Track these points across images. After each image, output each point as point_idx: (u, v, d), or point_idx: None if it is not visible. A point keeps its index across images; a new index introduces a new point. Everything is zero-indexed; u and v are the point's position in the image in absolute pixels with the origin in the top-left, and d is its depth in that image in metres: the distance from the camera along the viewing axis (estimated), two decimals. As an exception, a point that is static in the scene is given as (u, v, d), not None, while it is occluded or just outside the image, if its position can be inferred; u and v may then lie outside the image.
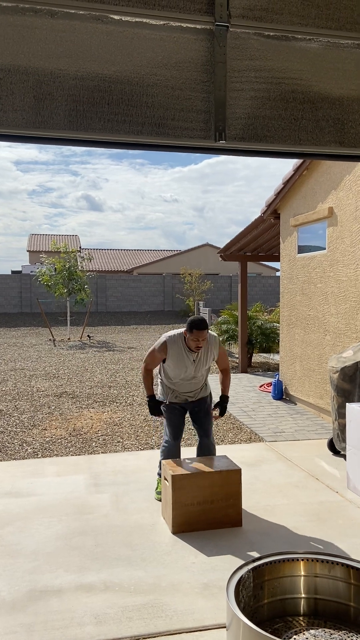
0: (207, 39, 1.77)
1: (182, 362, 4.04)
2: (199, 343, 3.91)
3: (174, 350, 4.02)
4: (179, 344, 4.03)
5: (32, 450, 5.72)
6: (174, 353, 4.03)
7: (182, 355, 4.03)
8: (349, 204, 6.23)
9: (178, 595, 2.99)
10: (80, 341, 16.46)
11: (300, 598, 2.34)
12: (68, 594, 3.01)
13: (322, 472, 4.94)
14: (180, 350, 4.02)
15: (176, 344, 4.03)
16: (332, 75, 1.89)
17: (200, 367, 4.12)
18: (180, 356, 4.03)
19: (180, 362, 4.04)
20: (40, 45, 1.66)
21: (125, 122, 1.73)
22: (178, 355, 4.03)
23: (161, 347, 4.06)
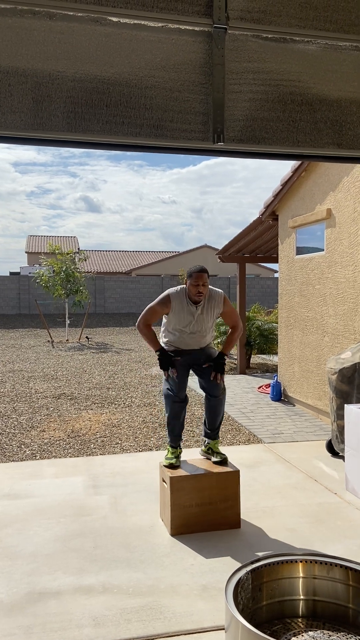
0: (205, 41, 1.77)
1: (185, 316, 3.92)
2: (200, 288, 3.80)
3: (176, 302, 3.91)
4: (181, 297, 3.92)
5: (31, 451, 5.71)
6: (177, 306, 3.91)
7: (184, 308, 3.91)
8: (347, 206, 6.24)
9: (177, 597, 2.99)
10: (79, 343, 16.45)
11: (298, 600, 2.34)
12: (66, 596, 3.00)
13: (321, 474, 4.94)
14: (182, 304, 3.91)
15: (179, 298, 3.92)
16: (330, 77, 1.89)
17: (204, 321, 3.97)
18: (183, 309, 3.91)
19: (183, 315, 3.92)
20: (38, 47, 1.66)
21: (123, 124, 1.74)
22: (181, 309, 3.91)
23: (164, 300, 3.94)
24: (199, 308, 3.92)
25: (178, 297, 3.92)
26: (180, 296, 3.93)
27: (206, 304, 3.94)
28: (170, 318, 3.97)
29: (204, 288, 3.82)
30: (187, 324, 3.94)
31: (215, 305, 3.98)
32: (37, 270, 18.17)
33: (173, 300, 3.91)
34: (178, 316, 3.93)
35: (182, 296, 3.93)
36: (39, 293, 24.23)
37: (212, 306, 3.97)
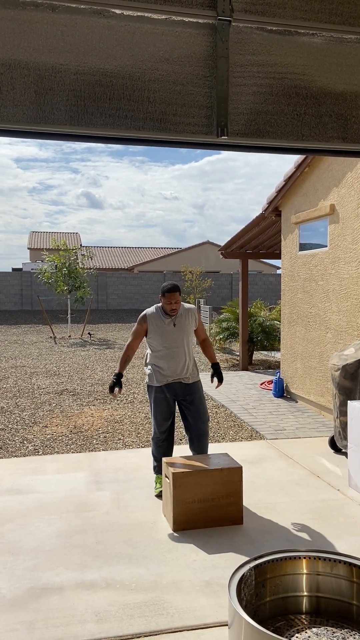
0: (209, 34, 1.76)
1: (162, 328, 4.26)
2: (173, 305, 4.20)
3: (152, 318, 4.29)
4: (156, 312, 4.32)
5: (33, 447, 5.72)
6: (153, 321, 4.28)
7: (161, 321, 4.28)
8: (351, 201, 6.21)
9: (179, 593, 2.98)
10: (81, 339, 16.45)
11: (302, 596, 2.33)
12: (69, 592, 3.01)
13: (324, 470, 4.93)
14: (158, 318, 4.29)
15: (154, 313, 4.32)
16: (335, 70, 1.87)
17: (182, 333, 4.29)
18: (160, 322, 4.28)
19: (161, 328, 4.26)
20: (41, 40, 1.64)
21: (126, 118, 1.72)
22: (157, 322, 4.28)
23: (141, 319, 4.34)
24: (174, 318, 4.29)
25: (154, 314, 4.33)
26: (156, 312, 4.34)
27: (182, 313, 4.32)
28: (151, 334, 4.30)
29: (177, 304, 4.24)
30: (166, 334, 4.27)
31: (191, 316, 4.36)
32: (39, 267, 18.17)
33: (149, 317, 4.32)
34: (157, 329, 4.28)
35: (158, 311, 4.33)
36: (42, 289, 24.23)
37: (187, 316, 4.34)
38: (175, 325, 4.27)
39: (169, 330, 4.26)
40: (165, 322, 4.26)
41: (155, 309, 4.35)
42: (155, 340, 4.29)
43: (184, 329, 4.29)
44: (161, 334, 4.26)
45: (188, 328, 4.32)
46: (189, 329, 4.34)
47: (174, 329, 4.26)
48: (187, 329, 4.31)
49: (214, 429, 6.39)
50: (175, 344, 4.27)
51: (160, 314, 4.30)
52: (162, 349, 4.28)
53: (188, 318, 4.33)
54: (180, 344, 4.29)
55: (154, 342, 4.31)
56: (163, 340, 4.27)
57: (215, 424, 6.63)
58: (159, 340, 4.28)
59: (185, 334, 4.31)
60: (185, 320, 4.31)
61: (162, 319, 4.27)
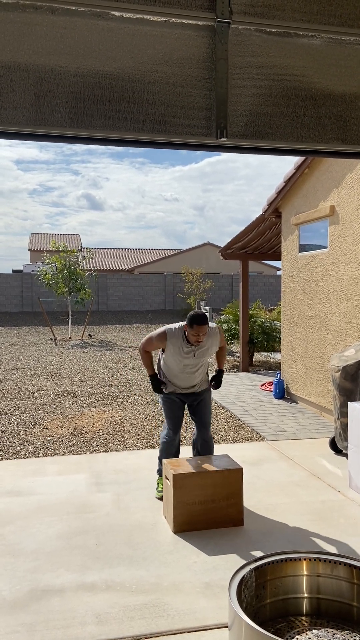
0: (208, 36, 1.76)
1: (181, 356, 4.05)
2: (199, 338, 3.93)
3: (173, 342, 4.03)
4: (178, 336, 4.03)
5: (34, 449, 5.72)
6: (173, 346, 4.03)
7: (181, 349, 4.03)
8: (351, 202, 6.21)
9: (180, 595, 2.98)
10: (82, 340, 16.46)
11: (302, 598, 2.33)
12: (69, 594, 3.00)
13: (324, 471, 4.93)
14: (179, 344, 4.03)
15: (175, 337, 4.03)
16: (335, 72, 1.87)
17: (199, 360, 4.14)
18: (180, 349, 4.03)
19: (179, 355, 4.05)
20: (40, 42, 1.65)
21: (126, 119, 1.72)
22: (177, 349, 4.04)
23: (160, 337, 4.07)
24: (195, 348, 4.07)
25: (174, 336, 4.04)
26: (178, 335, 4.04)
27: (206, 343, 4.09)
28: (168, 354, 4.12)
29: (203, 337, 3.96)
30: (183, 360, 4.08)
31: (214, 341, 4.16)
32: (40, 268, 18.18)
33: (169, 337, 4.04)
34: (174, 353, 4.07)
35: (180, 335, 4.04)
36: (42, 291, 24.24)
37: (210, 344, 4.13)
38: (195, 355, 4.07)
39: (188, 359, 4.08)
40: (185, 349, 4.03)
41: (179, 331, 4.06)
42: (171, 361, 4.12)
43: (202, 356, 4.12)
44: (178, 359, 4.08)
45: (208, 353, 4.14)
46: (208, 354, 4.16)
47: (193, 357, 4.08)
48: (206, 354, 4.13)
49: (215, 431, 6.38)
50: (190, 369, 4.14)
51: (182, 340, 4.03)
52: (177, 370, 4.14)
53: (210, 343, 4.11)
54: (196, 370, 4.16)
55: (169, 361, 4.14)
56: (178, 364, 4.11)
57: (216, 425, 6.63)
58: (175, 363, 4.11)
59: (203, 360, 4.15)
60: (206, 349, 4.12)
61: (183, 346, 4.03)
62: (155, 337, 4.11)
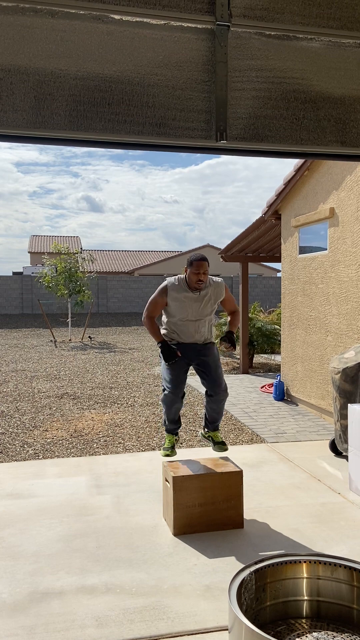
0: (208, 39, 1.76)
1: (184, 302, 3.96)
2: (200, 276, 3.87)
3: (175, 290, 3.97)
4: (180, 284, 3.99)
5: (34, 451, 5.71)
6: (177, 294, 3.96)
7: (184, 294, 3.96)
8: (351, 205, 6.22)
9: (180, 598, 2.98)
10: (82, 342, 16.45)
11: (303, 600, 2.33)
12: (69, 596, 3.00)
13: (324, 474, 4.93)
14: (182, 291, 3.97)
15: (177, 285, 3.99)
16: (334, 74, 1.88)
17: (205, 307, 4.00)
18: (182, 295, 3.97)
19: (183, 301, 3.96)
20: (40, 45, 1.65)
21: (126, 122, 1.73)
22: (180, 295, 3.96)
23: (162, 290, 4.01)
24: (198, 294, 3.97)
25: (176, 285, 3.98)
26: (179, 284, 3.99)
27: (208, 290, 4.00)
28: (171, 307, 4.00)
29: (205, 276, 3.89)
30: (187, 310, 3.97)
31: (218, 293, 4.05)
32: (40, 271, 18.19)
33: (170, 288, 3.97)
34: (177, 303, 3.97)
35: (181, 284, 3.99)
36: (42, 293, 24.26)
37: (213, 293, 4.03)
38: (197, 301, 3.95)
39: (191, 306, 3.96)
40: (188, 296, 3.94)
41: (178, 281, 4.00)
42: (175, 312, 3.99)
43: (206, 306, 4.00)
44: (181, 308, 3.96)
45: (212, 305, 4.02)
46: (212, 306, 4.03)
47: (196, 306, 3.96)
48: (210, 305, 4.02)
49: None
50: (195, 320, 4.00)
51: (184, 287, 3.97)
52: (181, 322, 4.01)
53: (214, 294, 4.01)
54: (200, 321, 4.02)
55: (173, 312, 4.02)
56: (182, 314, 3.98)
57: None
58: (179, 313, 3.98)
59: (207, 311, 4.02)
60: (210, 296, 4.00)
61: (185, 293, 3.95)
62: (157, 293, 4.02)
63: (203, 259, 3.89)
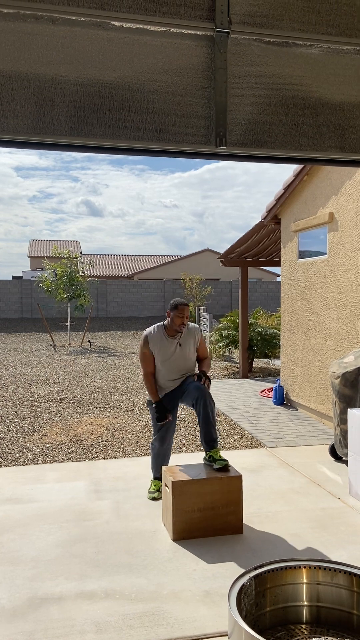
0: (207, 45, 1.77)
1: (166, 349, 4.22)
2: (184, 320, 4.14)
3: (155, 339, 4.23)
4: (159, 333, 4.25)
5: (33, 456, 5.70)
6: (156, 342, 4.22)
7: (164, 342, 4.23)
8: (350, 209, 6.24)
9: (179, 603, 2.97)
10: (81, 346, 16.45)
11: (302, 606, 2.32)
12: (69, 602, 2.99)
13: (324, 478, 4.92)
14: (161, 338, 4.23)
15: (156, 334, 4.25)
16: (333, 81, 1.89)
17: (185, 352, 4.25)
18: (163, 342, 4.22)
19: (165, 348, 4.22)
20: (41, 52, 1.66)
21: (126, 128, 1.73)
22: (161, 343, 4.22)
23: (144, 342, 4.26)
24: (177, 339, 4.25)
25: (156, 334, 4.26)
26: (158, 332, 4.27)
27: (185, 335, 4.28)
28: (154, 354, 4.25)
29: (187, 319, 4.19)
30: (169, 355, 4.23)
31: (194, 336, 4.33)
32: (40, 275, 18.20)
33: (151, 339, 4.24)
34: (159, 350, 4.23)
35: (160, 331, 4.27)
36: (42, 297, 24.27)
37: (190, 336, 4.30)
38: (180, 346, 4.23)
39: (172, 351, 4.23)
40: (168, 344, 4.23)
41: (157, 329, 4.28)
42: (159, 359, 4.25)
43: (185, 350, 4.26)
44: (163, 356, 4.22)
45: (191, 349, 4.30)
46: (192, 350, 4.31)
47: (178, 349, 4.23)
48: (189, 350, 4.29)
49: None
50: (176, 365, 4.25)
51: (163, 335, 4.24)
52: (164, 369, 4.26)
53: (191, 338, 4.30)
54: (182, 366, 4.27)
55: (157, 362, 4.27)
56: (164, 362, 4.24)
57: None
58: (160, 362, 4.24)
59: (187, 356, 4.28)
60: (188, 341, 4.28)
61: (165, 341, 4.23)
62: (141, 348, 4.28)
63: (186, 304, 4.22)
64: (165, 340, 4.21)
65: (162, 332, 4.25)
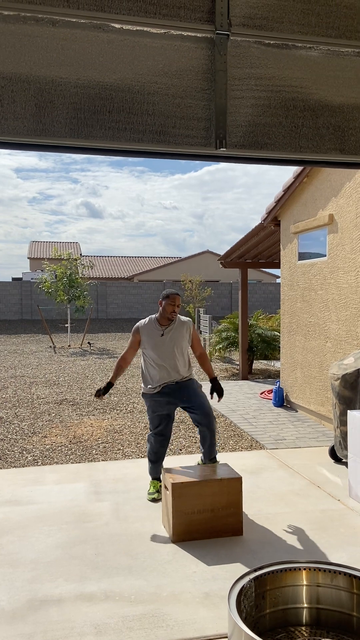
0: (207, 47, 1.78)
1: (155, 338, 4.36)
2: (174, 308, 4.33)
3: (145, 329, 4.41)
4: (150, 323, 4.43)
5: (32, 457, 5.70)
6: (146, 332, 4.39)
7: (154, 332, 4.38)
8: (350, 211, 6.24)
9: (179, 605, 2.96)
10: (81, 348, 16.44)
11: (302, 608, 2.32)
12: (68, 604, 2.99)
13: (324, 480, 4.92)
14: (152, 327, 4.40)
15: (148, 324, 4.44)
16: (332, 83, 1.89)
17: (174, 344, 4.36)
18: (153, 332, 4.38)
19: (154, 338, 4.36)
20: (41, 54, 1.66)
21: (126, 130, 1.74)
22: (150, 333, 4.38)
23: (134, 331, 4.46)
24: (169, 327, 4.39)
25: (147, 324, 4.44)
26: (149, 323, 4.45)
27: (176, 324, 4.43)
28: (144, 344, 4.42)
29: (178, 308, 4.38)
30: (158, 344, 4.37)
31: (185, 329, 4.46)
32: (39, 276, 18.20)
33: (142, 328, 4.43)
34: (149, 339, 4.38)
35: (152, 322, 4.45)
36: (42, 299, 24.27)
37: (182, 328, 4.44)
38: (164, 335, 4.37)
39: (162, 340, 4.36)
40: (159, 332, 4.38)
41: (149, 320, 4.46)
42: (148, 350, 4.40)
43: (175, 340, 4.38)
44: (154, 344, 4.36)
45: (181, 340, 4.41)
46: (182, 341, 4.41)
47: (166, 340, 4.36)
48: (179, 340, 4.40)
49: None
50: (167, 354, 4.36)
51: (154, 325, 4.41)
52: (155, 357, 4.38)
53: (182, 330, 4.42)
54: (172, 355, 4.37)
55: (146, 351, 4.42)
56: (155, 350, 4.36)
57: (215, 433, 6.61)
58: (152, 351, 4.38)
59: (177, 345, 4.39)
60: (178, 332, 4.40)
61: (156, 330, 4.39)
62: (131, 336, 4.48)
63: (177, 293, 4.42)
64: (155, 329, 4.39)
65: (153, 321, 4.43)
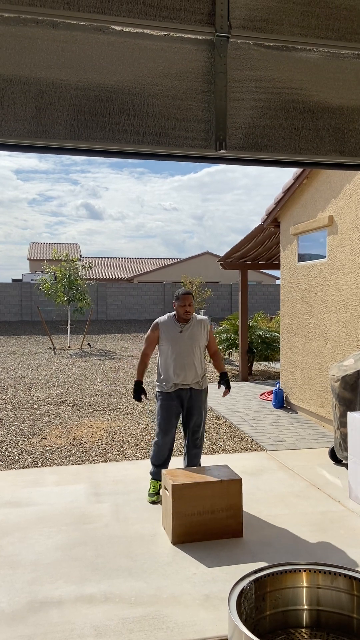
0: (207, 50, 1.78)
1: (173, 335, 4.40)
2: (186, 308, 4.38)
3: (164, 325, 4.46)
4: (169, 320, 4.49)
5: (32, 459, 5.69)
6: (165, 328, 4.45)
7: (173, 328, 4.43)
8: (349, 213, 6.25)
9: (179, 607, 2.96)
10: (81, 349, 16.44)
11: (302, 610, 2.32)
12: (68, 605, 2.98)
13: (324, 482, 4.91)
14: (171, 325, 4.45)
15: (166, 320, 4.50)
16: (332, 85, 1.89)
17: (192, 342, 4.40)
18: (172, 329, 4.43)
19: (172, 334, 4.41)
20: (41, 56, 1.66)
21: (126, 132, 1.74)
22: (169, 329, 4.43)
23: (153, 326, 4.52)
24: (187, 325, 4.44)
25: (166, 321, 4.50)
26: (169, 319, 4.50)
27: (194, 322, 4.47)
28: (162, 340, 4.46)
29: (190, 307, 4.41)
30: (176, 341, 4.40)
31: (204, 327, 4.51)
32: (39, 278, 18.21)
33: (161, 324, 4.49)
34: (167, 335, 4.42)
35: (171, 319, 4.50)
36: (41, 300, 24.27)
37: (199, 326, 4.49)
38: (183, 332, 4.39)
39: (180, 337, 4.39)
40: (177, 329, 4.42)
41: (168, 317, 4.51)
42: (166, 346, 4.43)
43: (193, 338, 4.42)
44: (172, 341, 4.39)
45: (199, 338, 4.44)
46: (200, 339, 4.45)
47: (184, 337, 4.40)
48: (197, 338, 4.44)
49: (214, 440, 6.37)
50: (185, 351, 4.39)
51: (173, 321, 4.46)
52: (173, 355, 4.40)
53: (200, 328, 4.46)
54: (190, 352, 4.40)
55: (164, 348, 4.44)
56: (173, 347, 4.39)
57: (215, 435, 6.61)
58: (169, 347, 4.41)
59: (195, 343, 4.42)
60: (196, 330, 4.44)
61: (174, 326, 4.43)
62: (150, 329, 4.52)
63: (188, 293, 4.47)
64: (174, 325, 4.44)
65: (172, 318, 4.49)
